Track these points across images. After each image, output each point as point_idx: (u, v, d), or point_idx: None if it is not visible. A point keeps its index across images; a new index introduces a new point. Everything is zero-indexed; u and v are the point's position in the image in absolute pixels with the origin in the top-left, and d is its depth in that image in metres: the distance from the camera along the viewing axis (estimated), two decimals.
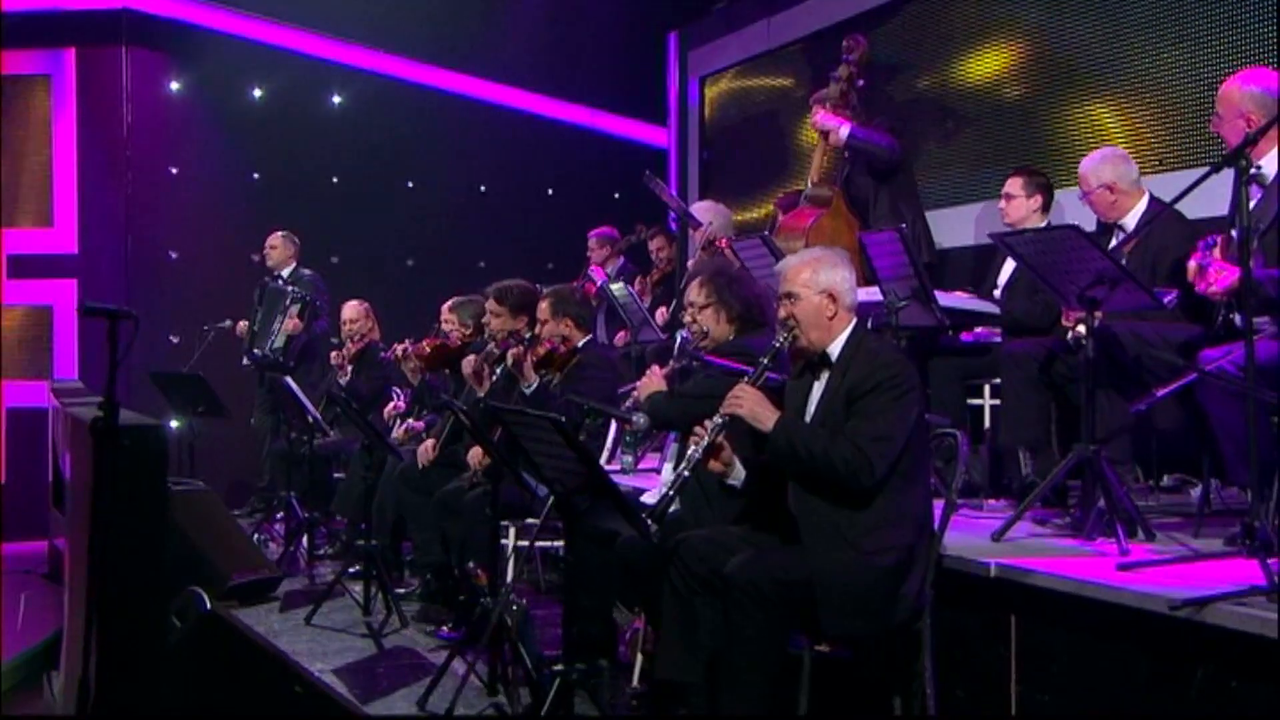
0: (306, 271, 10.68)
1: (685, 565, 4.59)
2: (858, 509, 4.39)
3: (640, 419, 5.28)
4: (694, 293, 5.46)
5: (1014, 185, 6.69)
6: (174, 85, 11.60)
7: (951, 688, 4.63)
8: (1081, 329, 5.01)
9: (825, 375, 4.61)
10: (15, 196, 11.26)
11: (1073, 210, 6.63)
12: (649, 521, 4.42)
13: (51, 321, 11.35)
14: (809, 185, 7.79)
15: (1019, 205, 6.62)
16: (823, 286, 4.59)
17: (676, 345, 5.58)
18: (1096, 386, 5.07)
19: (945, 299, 6.10)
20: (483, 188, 12.24)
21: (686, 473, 4.52)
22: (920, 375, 6.35)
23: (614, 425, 6.23)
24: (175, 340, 11.32)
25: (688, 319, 5.48)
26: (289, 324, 10.09)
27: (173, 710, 4.09)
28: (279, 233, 10.62)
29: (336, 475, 9.10)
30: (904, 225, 6.11)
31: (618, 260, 9.97)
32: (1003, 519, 5.14)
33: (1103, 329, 5.13)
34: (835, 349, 4.60)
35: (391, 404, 8.36)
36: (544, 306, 6.77)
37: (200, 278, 11.28)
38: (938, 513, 4.60)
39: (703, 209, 8.82)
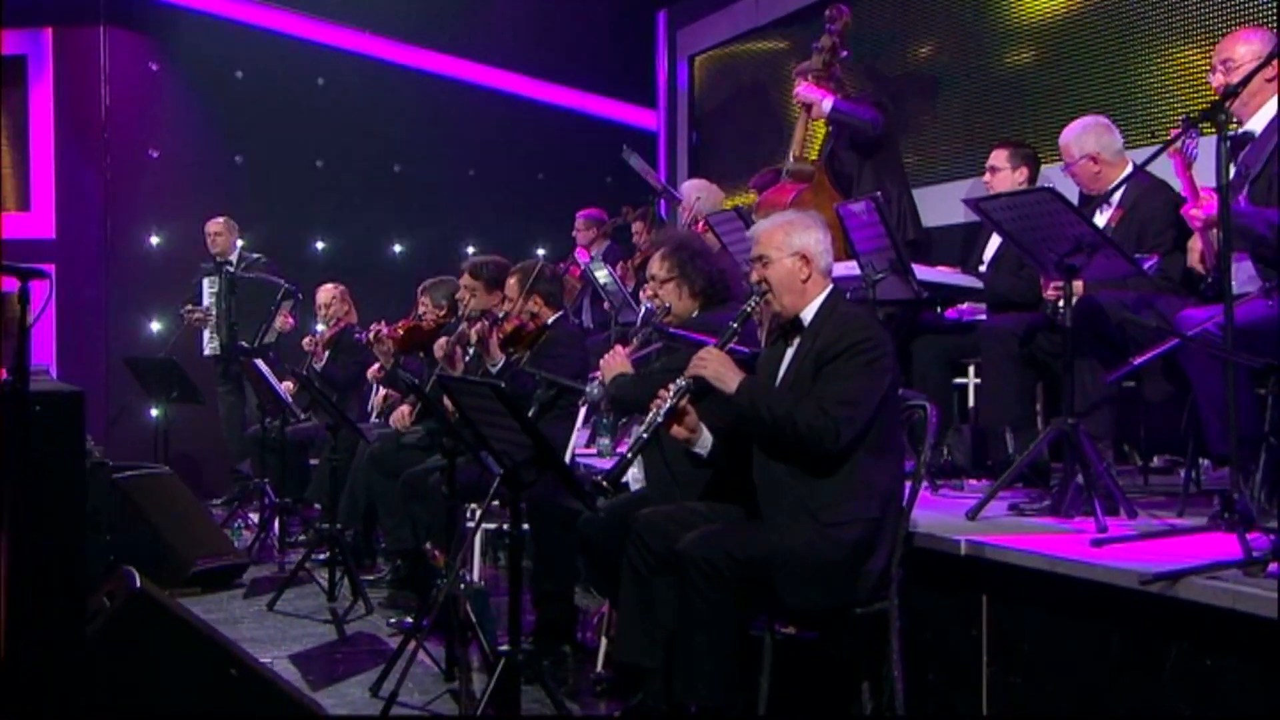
0: (255, 255, 10.51)
1: (643, 543, 4.46)
2: (820, 478, 4.25)
3: (595, 390, 5.12)
4: (655, 266, 5.29)
5: (999, 158, 6.51)
6: (154, 66, 11.42)
7: (921, 671, 4.51)
8: (1059, 298, 4.85)
9: (797, 341, 4.45)
10: None
11: (1062, 186, 6.44)
12: (605, 487, 4.26)
13: (28, 310, 11.11)
14: (790, 160, 7.62)
15: (1004, 179, 6.44)
16: (796, 249, 4.43)
17: (639, 317, 5.40)
18: (1076, 358, 4.91)
19: (925, 273, 5.95)
20: (471, 171, 12.02)
21: (645, 435, 4.35)
22: (903, 355, 6.33)
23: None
24: (156, 327, 11.19)
25: (648, 294, 5.31)
26: (282, 322, 9.90)
27: (97, 693, 3.95)
28: (219, 219, 10.44)
29: (313, 461, 8.94)
30: (879, 194, 5.93)
31: (604, 243, 9.79)
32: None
33: (1084, 298, 4.97)
34: (808, 314, 4.45)
35: (376, 366, 8.18)
36: (511, 283, 6.62)
37: (181, 263, 11.04)
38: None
39: (691, 187, 8.68)
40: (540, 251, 11.57)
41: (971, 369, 6.44)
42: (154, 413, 10.37)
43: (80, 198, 11.25)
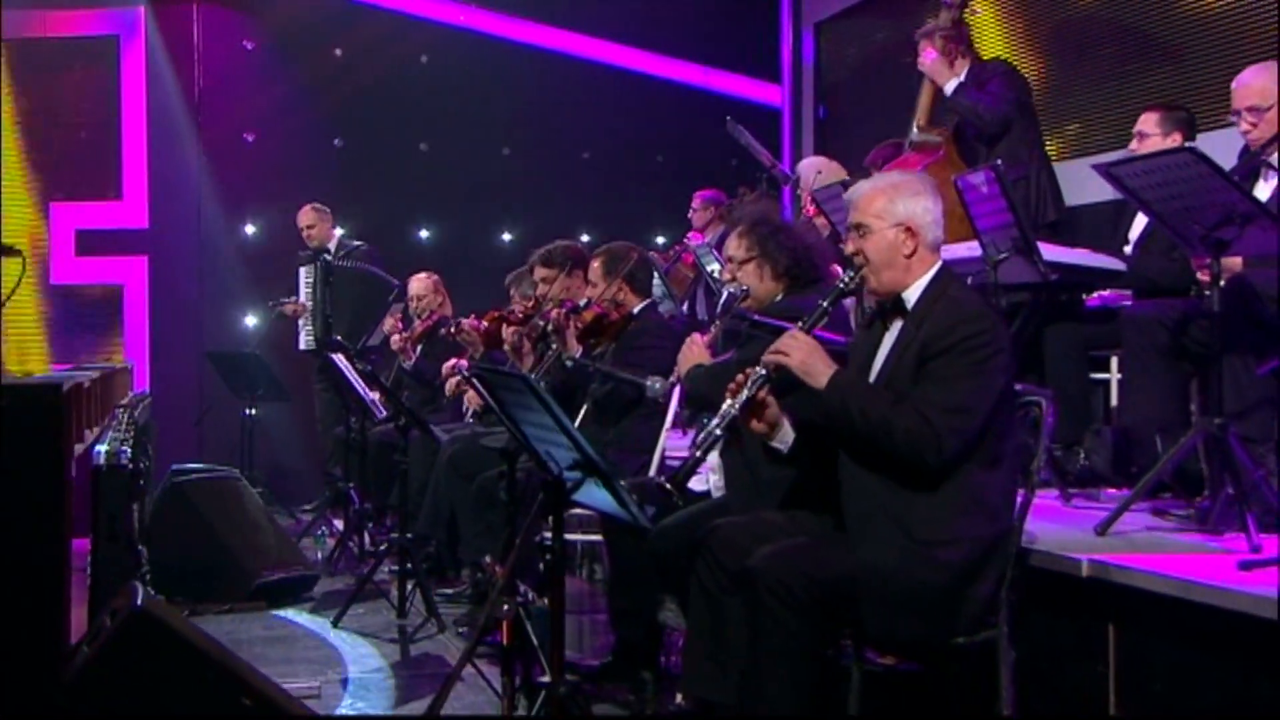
0: (355, 243, 10.35)
1: (714, 558, 4.16)
2: (921, 491, 3.85)
3: (657, 385, 4.77)
4: (733, 245, 4.95)
5: (1148, 122, 6.03)
6: (249, 44, 11.35)
7: (1035, 709, 4.13)
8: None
9: (898, 325, 4.05)
10: (82, 168, 11.13)
11: (1222, 157, 5.93)
12: (670, 491, 3.94)
13: (121, 303, 11.18)
14: (915, 130, 7.19)
15: (1153, 145, 5.92)
16: (899, 218, 4.02)
17: (720, 303, 5.02)
18: (1227, 348, 4.47)
19: (1054, 253, 5.47)
20: (585, 154, 11.80)
21: (719, 430, 4.00)
22: (1035, 345, 5.87)
23: (675, 396, 5.70)
24: (252, 321, 11.09)
25: (726, 276, 4.96)
26: (391, 325, 9.70)
27: None
28: (306, 209, 10.31)
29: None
30: (999, 162, 5.48)
31: (720, 227, 9.42)
32: None
33: (1235, 278, 4.51)
34: (912, 295, 4.04)
35: (452, 361, 7.93)
36: (595, 267, 6.33)
37: (278, 253, 10.99)
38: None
39: (809, 165, 8.31)
40: (659, 240, 11.30)
41: (1114, 362, 5.96)
42: (250, 411, 10.25)
43: (173, 185, 11.22)
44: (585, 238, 10.78)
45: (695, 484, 5.08)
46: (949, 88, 7.01)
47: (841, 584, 3.78)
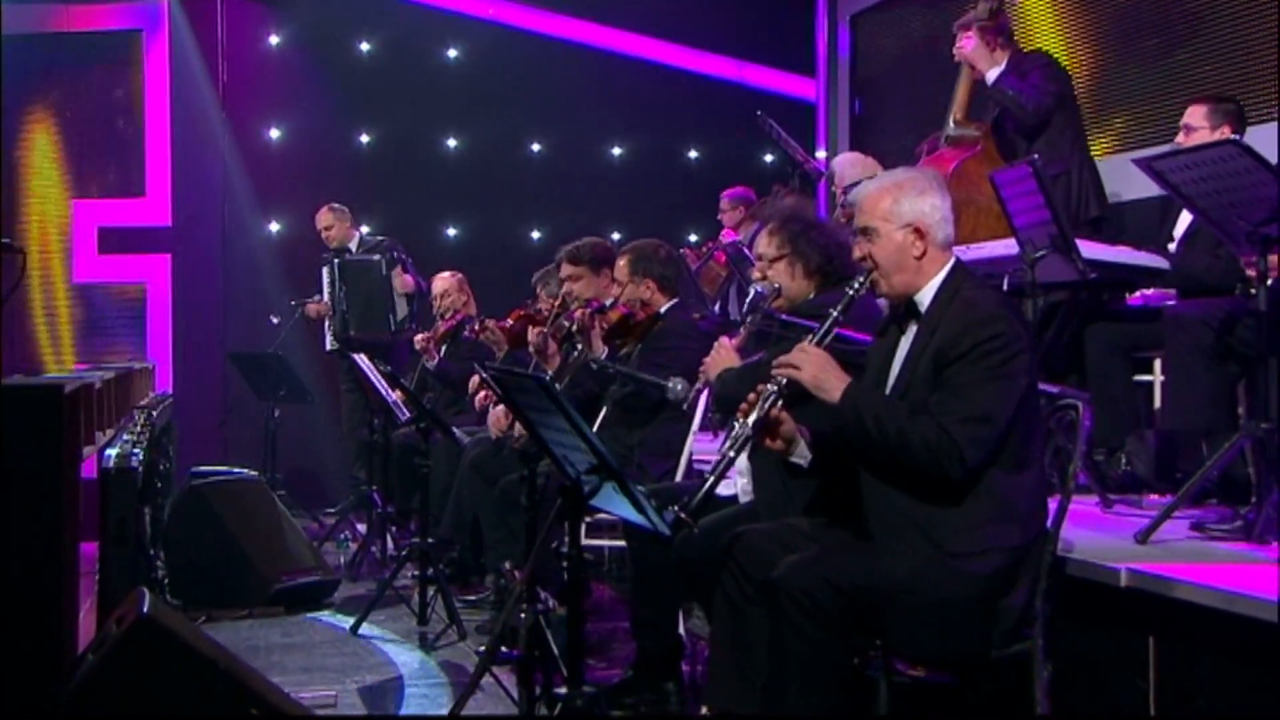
0: (378, 238, 10.36)
1: (739, 567, 4.08)
2: (946, 499, 3.75)
3: (679, 387, 4.69)
4: (763, 243, 4.85)
5: (1195, 114, 5.93)
6: (274, 39, 11.36)
7: None
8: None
9: (914, 330, 3.97)
10: (104, 164, 11.17)
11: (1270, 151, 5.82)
12: (686, 520, 3.84)
13: (145, 302, 11.19)
14: (951, 123, 7.09)
15: (1201, 139, 5.81)
16: (906, 219, 3.94)
17: (747, 302, 4.94)
18: (1275, 349, 4.40)
19: (1093, 250, 5.38)
20: (616, 150, 11.76)
21: (733, 454, 3.93)
22: (1076, 344, 5.78)
23: (703, 399, 5.64)
24: (276, 320, 11.04)
25: (757, 275, 4.88)
26: (401, 284, 9.69)
27: None
28: (325, 209, 10.28)
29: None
30: (1036, 157, 5.38)
31: (753, 225, 9.33)
32: None
33: None
34: (925, 297, 3.95)
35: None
36: (621, 265, 6.24)
37: (301, 251, 10.95)
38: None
39: (845, 162, 8.19)
40: (691, 237, 11.21)
41: (1158, 364, 5.85)
42: (276, 412, 10.22)
43: (197, 182, 11.23)
44: (616, 235, 10.72)
45: (723, 488, 5.01)
46: (990, 76, 6.88)
47: (867, 594, 3.70)
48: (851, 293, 4.02)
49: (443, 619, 6.51)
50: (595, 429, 6.22)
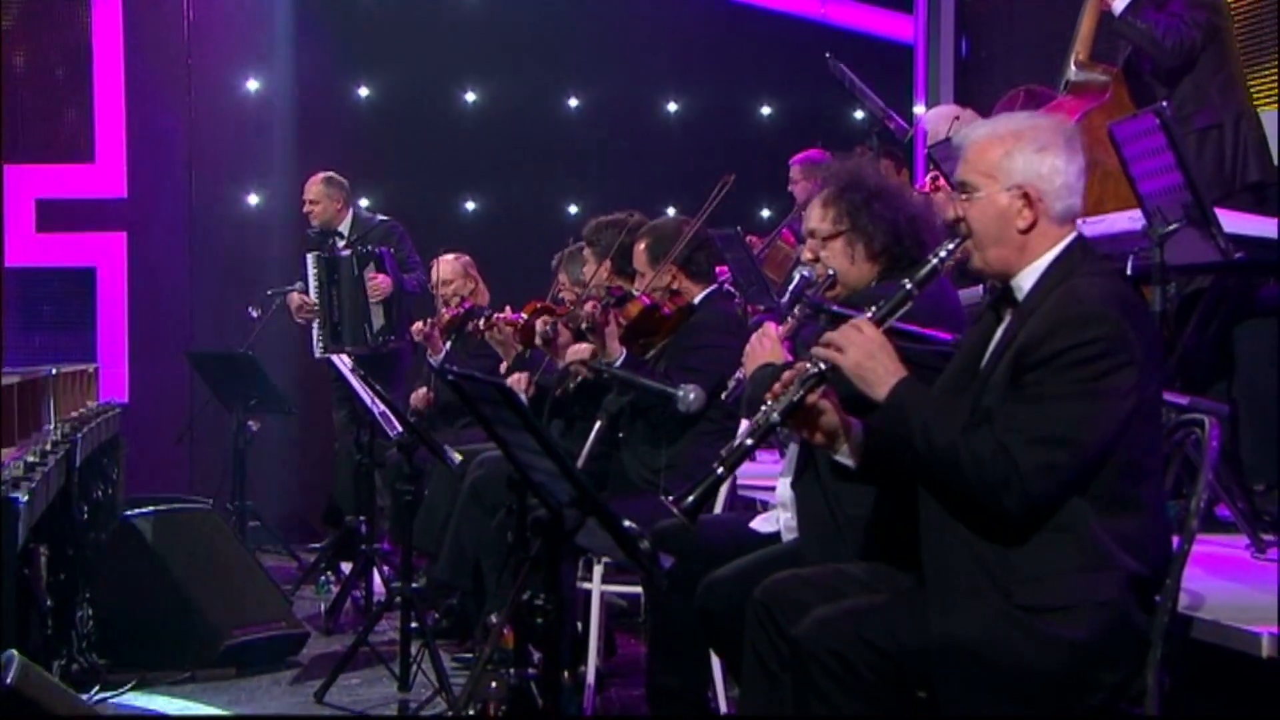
0: (378, 218, 10.27)
1: (771, 620, 4.02)
2: (1022, 538, 3.59)
3: (690, 395, 4.56)
4: (815, 217, 4.71)
5: None
6: None
7: None
8: None
9: (1009, 318, 3.81)
10: (44, 123, 11.20)
11: None
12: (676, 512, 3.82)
13: (94, 290, 11.20)
14: (1072, 66, 6.93)
15: None
16: (1016, 179, 3.75)
17: (789, 290, 4.79)
18: None
19: (1244, 223, 5.19)
20: (671, 105, 11.80)
21: (750, 442, 3.88)
22: (1221, 346, 5.62)
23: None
24: (256, 314, 10.97)
25: (808, 256, 4.74)
26: (376, 287, 9.51)
27: None
28: (318, 179, 10.10)
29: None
30: (1164, 105, 5.20)
31: None
32: None
33: None
34: (1025, 282, 3.78)
35: None
36: (639, 251, 6.22)
37: (288, 229, 10.93)
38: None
39: (942, 115, 8.10)
40: (764, 213, 11.14)
41: None
42: (252, 425, 10.16)
43: (158, 145, 11.33)
44: (671, 210, 10.59)
45: (762, 525, 4.90)
46: (1118, 6, 6.74)
47: (915, 657, 3.59)
48: (936, 261, 3.87)
49: (431, 683, 6.41)
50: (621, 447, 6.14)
